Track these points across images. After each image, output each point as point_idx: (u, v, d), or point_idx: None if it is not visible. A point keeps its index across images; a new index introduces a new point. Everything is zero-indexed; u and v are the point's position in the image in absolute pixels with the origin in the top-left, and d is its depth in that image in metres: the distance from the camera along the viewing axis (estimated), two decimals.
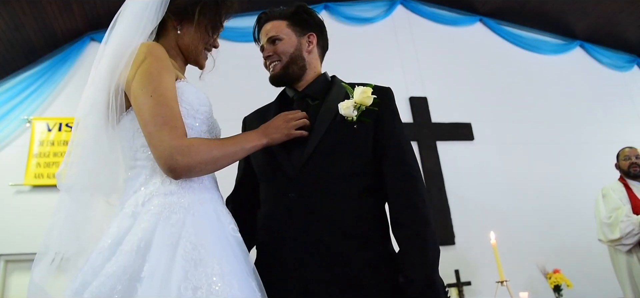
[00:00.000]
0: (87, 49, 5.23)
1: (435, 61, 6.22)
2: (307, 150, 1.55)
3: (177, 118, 1.32)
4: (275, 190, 1.59)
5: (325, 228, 1.47)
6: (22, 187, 4.61)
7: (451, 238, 5.16)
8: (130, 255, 1.18)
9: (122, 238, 1.23)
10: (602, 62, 6.97)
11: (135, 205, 1.30)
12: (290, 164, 1.55)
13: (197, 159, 1.30)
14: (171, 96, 1.34)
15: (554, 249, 5.26)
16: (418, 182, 1.54)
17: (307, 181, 1.52)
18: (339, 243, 1.46)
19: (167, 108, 1.31)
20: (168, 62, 1.40)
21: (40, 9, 4.67)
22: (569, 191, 5.66)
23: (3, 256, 4.42)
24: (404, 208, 1.50)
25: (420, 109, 5.78)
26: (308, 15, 1.78)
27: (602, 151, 5.68)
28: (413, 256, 1.43)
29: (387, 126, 1.61)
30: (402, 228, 1.49)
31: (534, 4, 6.40)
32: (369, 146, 1.58)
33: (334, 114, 1.60)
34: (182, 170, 1.29)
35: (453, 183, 5.46)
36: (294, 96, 1.73)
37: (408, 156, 1.58)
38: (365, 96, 1.59)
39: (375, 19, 6.24)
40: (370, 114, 1.59)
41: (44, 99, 4.96)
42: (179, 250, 1.20)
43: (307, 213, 1.49)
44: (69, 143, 1.44)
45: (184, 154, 1.27)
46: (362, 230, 1.51)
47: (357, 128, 1.58)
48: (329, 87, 1.73)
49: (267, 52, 1.73)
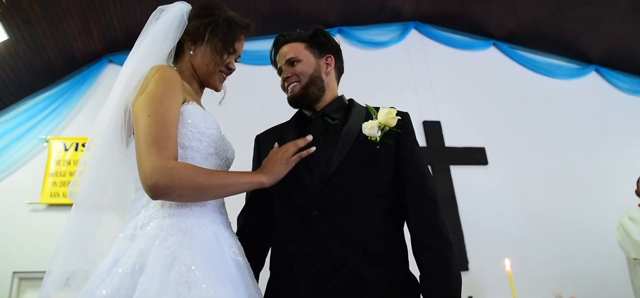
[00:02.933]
0: (105, 70, 5.34)
1: (449, 85, 6.21)
2: (330, 168, 1.54)
3: (169, 139, 1.31)
4: (296, 207, 1.56)
5: (346, 247, 1.46)
6: (38, 205, 4.67)
7: (465, 263, 5.08)
8: (124, 277, 1.18)
9: (118, 260, 1.24)
10: (618, 87, 6.90)
11: (134, 227, 1.31)
12: (312, 182, 1.54)
13: (178, 182, 1.26)
14: (169, 117, 1.33)
15: (570, 276, 5.15)
16: (439, 205, 1.54)
17: (329, 199, 1.51)
18: (360, 263, 1.45)
19: (160, 128, 1.30)
20: (175, 84, 1.40)
21: (61, 31, 4.79)
22: (584, 217, 5.56)
23: (17, 273, 4.45)
24: (427, 230, 1.49)
25: (433, 133, 5.76)
26: (325, 38, 1.79)
27: (617, 177, 5.61)
28: (438, 279, 1.43)
29: (407, 149, 1.61)
30: (426, 251, 1.47)
31: (548, 28, 6.39)
32: (391, 167, 1.58)
33: (357, 133, 1.60)
34: (159, 191, 1.26)
35: (467, 207, 5.40)
36: (312, 115, 1.73)
37: (428, 179, 1.58)
38: (390, 117, 1.59)
39: (389, 43, 6.28)
40: (392, 136, 1.59)
41: (62, 119, 5.06)
42: (172, 273, 1.19)
43: (329, 231, 1.47)
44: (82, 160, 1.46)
45: (165, 175, 1.24)
46: (383, 250, 1.49)
47: (379, 148, 1.58)
48: (347, 109, 1.73)
49: (286, 74, 1.73)
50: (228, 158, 1.59)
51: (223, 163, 1.55)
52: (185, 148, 1.40)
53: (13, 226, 4.55)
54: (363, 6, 5.99)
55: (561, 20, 6.22)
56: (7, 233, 4.51)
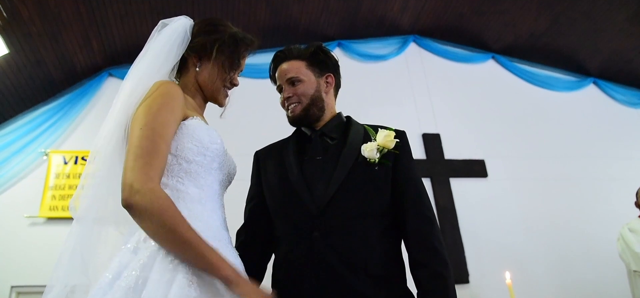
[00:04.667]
0: (105, 84, 5.35)
1: (448, 97, 6.23)
2: (331, 189, 1.56)
3: (157, 155, 1.28)
4: (296, 228, 1.58)
5: (348, 268, 1.47)
6: (37, 219, 4.66)
7: (465, 276, 5.05)
8: (127, 291, 1.18)
9: (120, 273, 1.23)
10: (616, 99, 6.92)
11: (137, 241, 1.31)
12: (313, 203, 1.55)
13: (151, 208, 1.21)
14: (161, 132, 1.32)
15: (570, 287, 5.13)
16: (435, 224, 1.57)
17: (330, 220, 1.52)
18: (361, 282, 1.46)
19: (150, 142, 1.29)
20: (176, 100, 1.40)
21: (61, 44, 4.81)
22: (584, 229, 5.55)
23: (16, 287, 4.42)
24: (425, 249, 1.52)
25: (433, 146, 5.76)
26: (325, 56, 1.80)
27: (616, 188, 5.61)
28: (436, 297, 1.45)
29: (405, 169, 1.64)
30: (423, 269, 1.49)
31: (546, 41, 6.43)
32: (389, 187, 1.61)
33: (356, 154, 1.62)
34: (134, 207, 1.21)
35: (466, 220, 5.39)
36: (312, 134, 1.74)
37: (425, 198, 1.62)
38: (389, 139, 1.62)
39: (388, 57, 6.30)
40: (390, 157, 1.62)
41: (62, 132, 5.06)
42: (174, 287, 1.19)
43: (330, 251, 1.49)
44: (84, 174, 1.45)
45: (143, 194, 1.20)
46: (384, 270, 1.51)
47: (378, 169, 1.60)
48: (345, 127, 1.75)
49: (287, 93, 1.74)
50: (230, 173, 1.60)
51: (225, 178, 1.56)
52: (189, 162, 1.40)
53: (12, 240, 4.52)
54: (362, 19, 6.02)
55: (559, 33, 6.26)
56: (5, 246, 4.49)
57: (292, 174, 1.64)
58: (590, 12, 5.91)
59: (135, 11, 4.80)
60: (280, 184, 1.60)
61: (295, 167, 1.65)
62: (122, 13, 4.81)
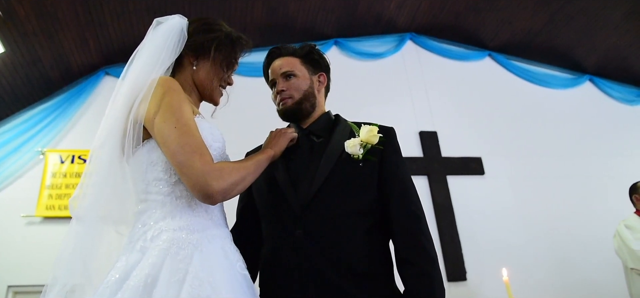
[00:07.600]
0: (101, 82, 5.33)
1: (445, 95, 6.24)
2: (314, 187, 1.55)
3: (204, 145, 1.34)
4: (281, 227, 1.58)
5: (332, 266, 1.46)
6: (34, 218, 4.64)
7: (462, 274, 5.07)
8: (136, 291, 1.18)
9: (129, 273, 1.23)
10: (612, 96, 6.96)
11: (144, 240, 1.30)
12: (296, 201, 1.55)
13: (230, 180, 1.33)
14: (194, 126, 1.37)
15: (567, 284, 5.16)
16: (423, 221, 1.55)
17: (313, 218, 1.52)
18: (346, 281, 1.45)
19: (192, 137, 1.33)
20: (184, 95, 1.43)
21: (57, 43, 4.79)
22: (580, 226, 5.58)
23: (12, 287, 4.41)
24: (411, 246, 1.50)
25: (430, 144, 5.76)
26: (319, 57, 1.83)
27: (612, 185, 5.63)
28: (421, 295, 1.43)
29: (391, 165, 1.62)
30: (409, 267, 1.48)
31: (543, 39, 6.44)
32: (374, 184, 1.60)
33: (340, 152, 1.62)
34: (218, 194, 1.30)
35: (464, 217, 5.40)
36: (299, 133, 1.74)
37: (412, 195, 1.59)
38: (372, 134, 1.61)
39: (385, 55, 6.30)
40: (375, 153, 1.61)
41: (58, 131, 5.03)
42: (186, 286, 1.19)
43: (314, 250, 1.48)
44: (83, 173, 1.45)
45: (217, 178, 1.29)
46: (369, 268, 1.50)
47: (362, 166, 1.59)
48: (332, 126, 1.75)
49: (280, 87, 1.75)
50: None
51: None
52: None
53: (8, 240, 4.50)
54: (359, 18, 6.02)
55: (555, 30, 6.28)
56: (2, 246, 4.47)
57: (278, 173, 1.64)
58: (586, 10, 5.93)
59: (132, 10, 4.79)
60: (267, 184, 1.61)
61: (281, 166, 1.65)
62: (119, 12, 4.80)
